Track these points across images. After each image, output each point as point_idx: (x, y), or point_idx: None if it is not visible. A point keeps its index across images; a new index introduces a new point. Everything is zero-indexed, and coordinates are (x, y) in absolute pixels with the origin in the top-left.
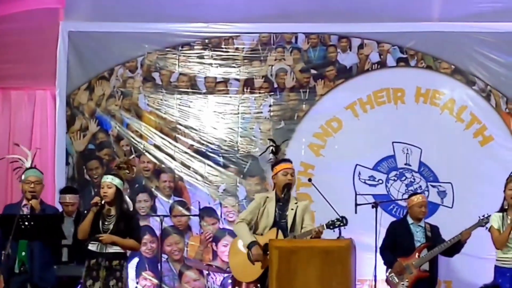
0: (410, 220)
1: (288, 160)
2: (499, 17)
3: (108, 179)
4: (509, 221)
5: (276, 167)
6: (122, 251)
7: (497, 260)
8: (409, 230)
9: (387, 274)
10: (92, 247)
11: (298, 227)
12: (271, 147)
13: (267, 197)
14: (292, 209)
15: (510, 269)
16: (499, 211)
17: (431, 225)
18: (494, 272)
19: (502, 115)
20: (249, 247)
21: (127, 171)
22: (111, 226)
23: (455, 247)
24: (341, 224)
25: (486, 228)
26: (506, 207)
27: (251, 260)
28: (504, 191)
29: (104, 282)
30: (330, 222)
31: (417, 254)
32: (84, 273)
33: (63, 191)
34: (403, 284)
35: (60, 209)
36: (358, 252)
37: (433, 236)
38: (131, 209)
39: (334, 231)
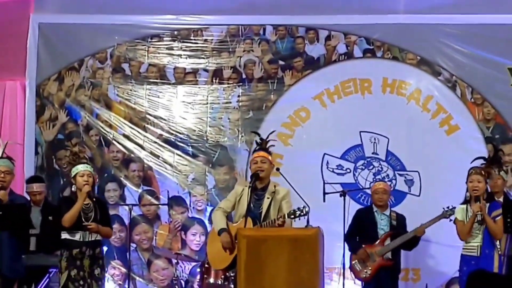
0: (375, 208)
1: (261, 149)
2: (464, 9)
3: (88, 168)
4: (471, 213)
5: (252, 156)
6: (100, 239)
7: (463, 248)
8: (373, 218)
9: (351, 261)
10: (74, 236)
11: (273, 216)
12: (257, 137)
13: (246, 186)
14: (268, 197)
15: (475, 257)
16: (463, 203)
17: (398, 214)
18: (460, 260)
19: (467, 105)
20: (219, 233)
21: (84, 160)
22: (92, 215)
23: (412, 241)
24: (302, 213)
25: (451, 220)
26: (469, 199)
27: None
28: (467, 182)
29: (89, 271)
30: (292, 211)
31: (381, 242)
32: (64, 263)
33: (29, 181)
34: (366, 271)
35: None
36: (326, 240)
37: (398, 225)
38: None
39: (299, 219)
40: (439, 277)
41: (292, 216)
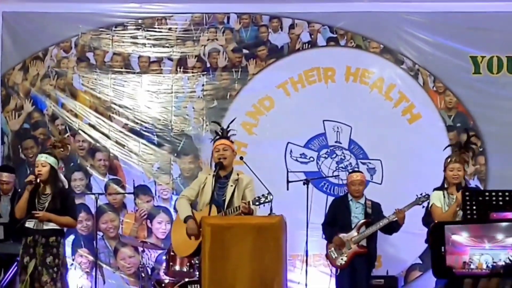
0: (350, 197)
1: (223, 137)
2: None
3: (42, 157)
4: (449, 200)
5: (214, 144)
6: (58, 227)
7: None
8: (348, 206)
9: (327, 249)
10: (29, 224)
11: (237, 203)
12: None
13: (210, 174)
14: (231, 185)
15: None
16: (438, 189)
17: (373, 202)
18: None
19: (429, 93)
20: (185, 221)
21: (62, 150)
22: (46, 204)
23: (393, 225)
24: (266, 200)
25: (423, 206)
26: (447, 186)
27: (188, 235)
28: (444, 171)
29: (41, 259)
30: (256, 198)
31: (356, 230)
32: (21, 250)
33: None
34: (341, 258)
35: None
36: (290, 228)
37: (373, 212)
38: (67, 187)
39: (264, 205)
40: (400, 263)
41: (257, 203)
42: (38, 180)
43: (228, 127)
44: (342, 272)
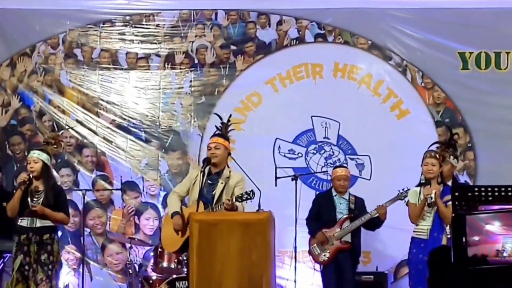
0: (334, 192)
1: (217, 135)
2: None
3: (35, 154)
4: (423, 196)
5: (209, 141)
6: (51, 224)
7: (413, 231)
8: (332, 202)
9: (310, 245)
10: (23, 222)
11: (225, 200)
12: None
13: (201, 171)
14: (222, 182)
15: (425, 240)
16: (417, 186)
17: (356, 197)
18: (410, 242)
19: (418, 89)
20: (172, 216)
21: (55, 146)
22: (40, 201)
23: (375, 221)
24: (249, 197)
25: (405, 202)
26: (424, 182)
27: (176, 231)
28: (421, 165)
29: (36, 257)
30: (239, 195)
31: (339, 225)
32: (14, 248)
33: None
34: (324, 254)
35: None
36: (278, 224)
37: (357, 208)
38: (59, 183)
39: (246, 202)
40: (389, 259)
41: (239, 200)
42: (30, 176)
43: (228, 121)
44: (327, 268)
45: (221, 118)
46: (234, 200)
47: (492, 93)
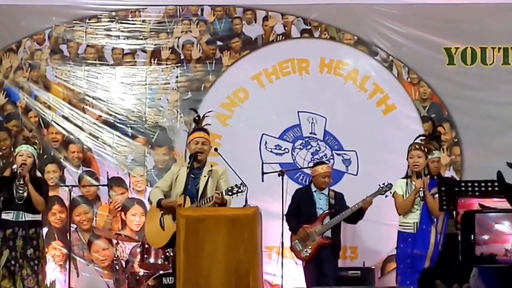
0: (313, 188)
1: (202, 129)
2: None
3: (29, 148)
4: (411, 188)
5: (191, 135)
6: (38, 219)
7: (399, 225)
8: (312, 197)
9: (291, 241)
10: (7, 216)
11: (211, 194)
12: (197, 117)
13: (183, 166)
14: (205, 176)
15: (411, 234)
16: (403, 178)
17: (336, 192)
18: (397, 237)
19: (404, 85)
20: (158, 204)
21: (36, 143)
22: (25, 194)
23: (357, 214)
24: (240, 190)
25: (386, 196)
26: (410, 175)
27: (162, 226)
28: (407, 158)
29: (22, 252)
30: (229, 188)
31: (320, 221)
32: (0, 243)
33: None
34: (306, 251)
35: None
36: (265, 219)
37: (337, 203)
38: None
39: (237, 195)
40: (376, 254)
41: (230, 193)
42: (23, 170)
43: (205, 114)
44: (309, 264)
45: (196, 112)
46: (224, 193)
47: (478, 89)
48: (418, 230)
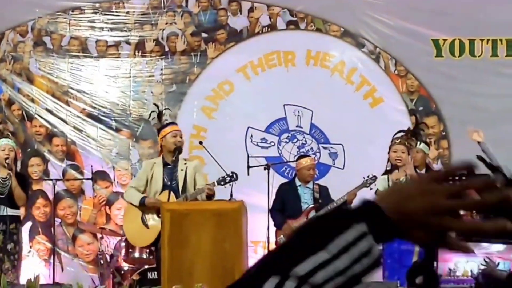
0: (298, 182)
1: (175, 123)
2: None
3: (10, 142)
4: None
5: (164, 129)
6: (17, 214)
7: None
8: (297, 192)
9: (276, 236)
10: None
11: (190, 188)
12: (154, 112)
13: (154, 162)
14: (182, 170)
15: None
16: (384, 174)
17: (320, 186)
18: None
19: (391, 77)
20: (141, 203)
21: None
22: (7, 189)
23: None
24: (232, 179)
25: (371, 188)
26: (389, 169)
27: (145, 225)
28: (389, 153)
29: (2, 246)
30: (221, 178)
31: (305, 216)
32: None
33: None
34: None
35: None
36: (251, 214)
37: (322, 197)
38: None
39: (225, 187)
40: None
41: (222, 183)
42: (8, 164)
43: (163, 110)
44: None
45: (158, 107)
46: (216, 183)
47: (466, 81)
48: None
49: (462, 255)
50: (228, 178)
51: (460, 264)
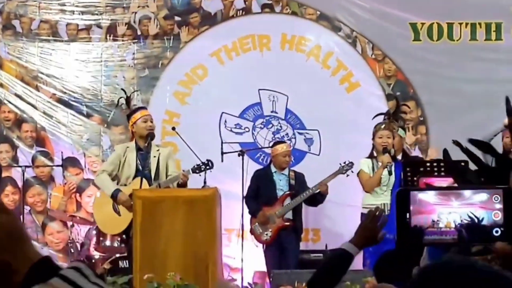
0: (273, 169)
1: (144, 108)
2: None
3: None
4: (378, 167)
5: (134, 115)
6: None
7: (363, 207)
8: (272, 178)
9: (251, 224)
10: None
11: (162, 175)
12: (122, 98)
13: (128, 147)
14: (154, 156)
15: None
16: (368, 157)
17: (296, 172)
18: (360, 219)
19: (368, 61)
20: (114, 195)
21: None
22: None
23: (317, 197)
24: (208, 167)
25: (348, 175)
26: (376, 155)
27: (116, 212)
28: (373, 139)
29: None
30: (196, 166)
31: (280, 203)
32: None
33: None
34: (266, 234)
35: None
36: (225, 201)
37: (297, 184)
38: None
39: (200, 175)
40: (339, 237)
41: (197, 171)
42: None
43: (131, 95)
44: (270, 247)
45: (125, 93)
46: (191, 171)
47: (444, 65)
48: (390, 211)
49: (445, 206)
50: (203, 166)
51: (443, 215)
